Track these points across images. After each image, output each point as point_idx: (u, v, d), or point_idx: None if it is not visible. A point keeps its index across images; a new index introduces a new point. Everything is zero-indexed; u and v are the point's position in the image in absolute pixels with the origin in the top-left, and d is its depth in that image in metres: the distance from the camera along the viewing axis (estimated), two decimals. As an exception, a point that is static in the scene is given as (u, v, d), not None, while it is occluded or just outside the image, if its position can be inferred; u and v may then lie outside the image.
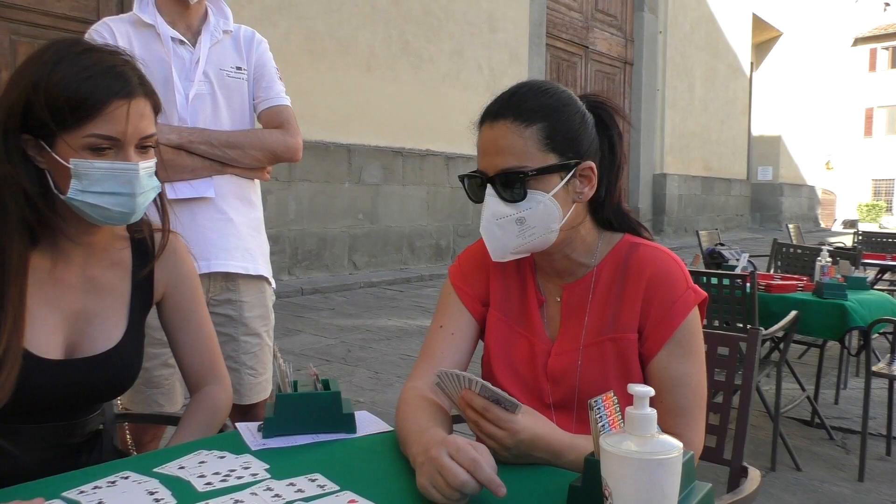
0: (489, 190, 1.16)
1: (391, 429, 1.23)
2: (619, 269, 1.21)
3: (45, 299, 1.16)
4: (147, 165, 1.15)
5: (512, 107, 1.15)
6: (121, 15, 1.86)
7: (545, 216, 1.15)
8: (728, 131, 15.97)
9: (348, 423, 1.21)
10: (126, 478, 0.99)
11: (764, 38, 18.05)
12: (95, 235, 1.20)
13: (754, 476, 1.26)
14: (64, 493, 0.94)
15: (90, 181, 1.09)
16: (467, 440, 0.93)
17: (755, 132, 17.99)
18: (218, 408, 1.34)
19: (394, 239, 8.02)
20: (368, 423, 1.26)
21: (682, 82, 13.89)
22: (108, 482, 0.98)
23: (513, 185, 1.14)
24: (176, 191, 1.78)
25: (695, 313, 1.16)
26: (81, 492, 0.95)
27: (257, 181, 1.94)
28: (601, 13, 12.13)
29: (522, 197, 1.13)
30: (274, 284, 1.98)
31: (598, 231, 1.25)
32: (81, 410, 1.24)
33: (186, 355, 1.35)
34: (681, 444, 0.78)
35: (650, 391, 0.79)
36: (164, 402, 1.81)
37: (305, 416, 1.18)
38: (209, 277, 1.82)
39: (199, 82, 1.82)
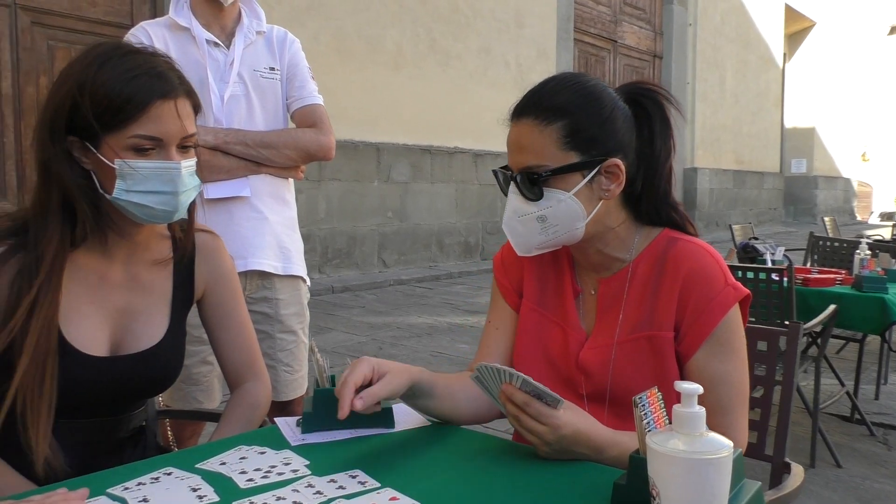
0: (512, 187, 1.16)
1: (429, 422, 1.23)
2: (655, 264, 1.19)
3: (91, 297, 1.18)
4: (189, 164, 1.16)
5: (534, 104, 1.13)
6: (157, 19, 1.89)
7: (567, 215, 1.14)
8: (760, 124, 15.69)
9: (386, 418, 1.21)
10: (169, 474, 1.00)
11: (797, 29, 17.69)
12: (139, 234, 1.22)
13: (797, 472, 1.24)
14: (109, 490, 0.96)
15: (134, 181, 1.11)
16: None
17: (788, 124, 17.65)
18: (258, 404, 1.35)
19: (423, 237, 8.03)
20: (406, 417, 1.25)
21: (712, 75, 13.68)
22: (152, 478, 0.99)
23: (532, 183, 1.13)
24: (212, 191, 1.80)
25: (734, 311, 1.13)
26: (126, 488, 0.96)
27: (291, 180, 1.96)
28: (629, 6, 11.99)
29: (541, 196, 1.13)
30: (308, 282, 1.99)
31: (635, 225, 1.23)
32: (126, 406, 1.26)
33: (226, 352, 1.36)
34: (731, 443, 0.76)
35: (698, 388, 0.77)
36: (202, 399, 1.84)
37: None
38: (245, 276, 1.84)
39: (234, 83, 1.84)
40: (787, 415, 1.46)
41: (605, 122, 1.14)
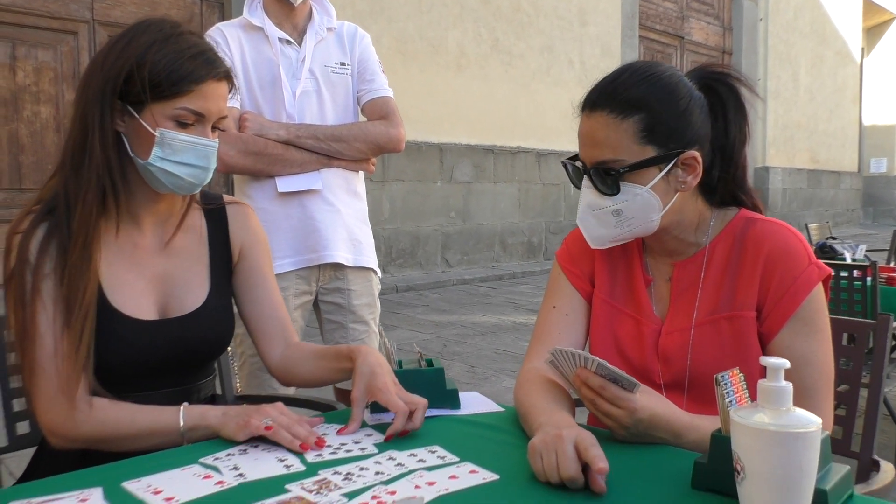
0: (585, 181, 1.16)
1: (502, 409, 1.24)
2: (734, 245, 1.17)
3: (129, 266, 1.23)
4: (217, 144, 1.22)
5: (609, 97, 1.12)
6: (231, 20, 1.96)
7: (643, 208, 1.13)
8: (837, 121, 15.05)
9: (452, 399, 1.23)
10: (256, 446, 1.05)
11: (876, 22, 16.89)
12: (159, 204, 1.26)
13: (887, 469, 1.19)
14: (201, 459, 1.00)
15: (172, 150, 1.16)
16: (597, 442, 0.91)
17: (867, 122, 16.86)
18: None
19: (486, 237, 8.03)
20: (479, 403, 1.27)
21: (785, 71, 13.21)
22: (240, 450, 1.04)
23: (607, 178, 1.12)
24: (285, 184, 1.86)
25: (818, 290, 1.11)
26: (216, 458, 1.01)
27: (362, 173, 2.00)
28: (697, 2, 11.70)
29: (617, 191, 1.12)
30: (380, 273, 2.03)
31: (710, 209, 1.21)
32: (189, 374, 1.29)
33: (263, 313, 1.37)
34: (819, 419, 0.74)
35: (785, 363, 0.76)
36: (277, 387, 1.89)
37: (411, 391, 1.20)
38: (319, 268, 1.89)
39: (306, 79, 1.89)
40: (876, 409, 1.40)
41: (682, 115, 1.12)
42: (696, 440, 1.00)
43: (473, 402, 1.27)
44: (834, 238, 5.06)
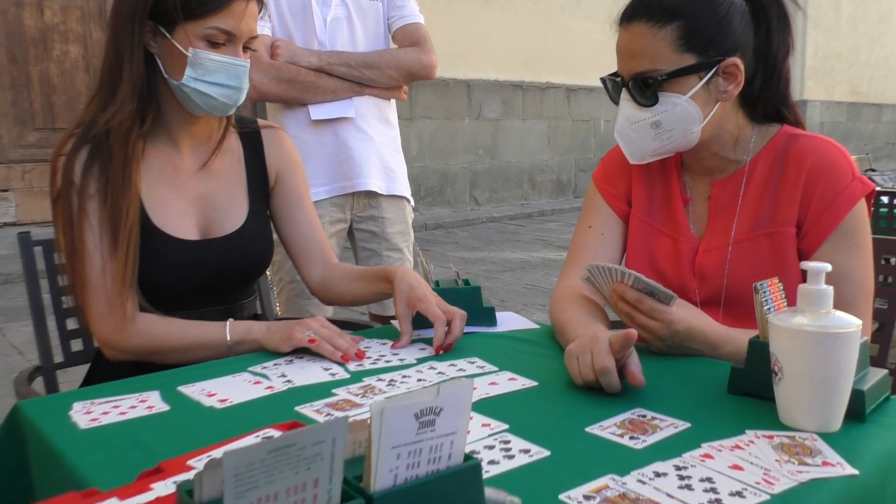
0: (623, 94, 1.14)
1: (538, 326, 1.26)
2: (775, 162, 1.15)
3: (170, 187, 1.25)
4: (248, 64, 1.23)
5: (646, 7, 1.10)
6: None
7: (683, 119, 1.11)
8: (880, 51, 14.45)
9: (489, 316, 1.26)
10: (301, 357, 1.09)
11: (926, -56, 15.99)
12: (196, 126, 1.27)
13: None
14: (250, 368, 1.05)
15: (204, 71, 1.17)
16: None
17: (912, 51, 16.16)
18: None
19: (514, 174, 7.98)
20: (515, 321, 1.30)
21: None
22: (286, 360, 1.08)
23: (646, 89, 1.10)
24: (318, 112, 1.86)
25: (861, 205, 1.10)
26: (264, 367, 1.05)
27: (394, 101, 1.99)
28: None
29: (655, 101, 1.10)
30: (412, 202, 2.05)
31: (751, 125, 1.19)
32: (231, 294, 1.33)
33: (302, 235, 1.39)
34: (859, 321, 0.75)
35: (826, 266, 0.76)
36: (314, 312, 1.94)
37: None
38: (353, 196, 1.91)
39: (336, 6, 1.87)
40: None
41: (721, 21, 1.09)
42: (731, 352, 1.02)
43: (509, 321, 1.30)
44: (873, 170, 4.94)
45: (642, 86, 1.11)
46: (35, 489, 0.86)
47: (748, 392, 0.87)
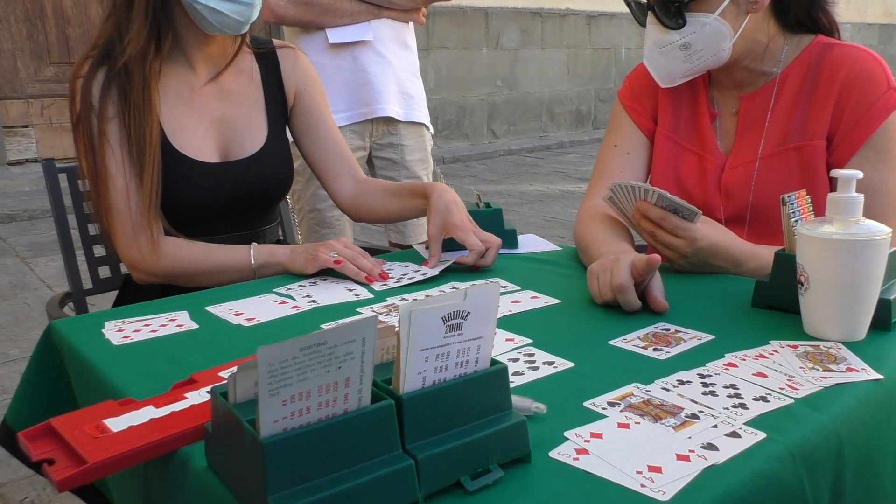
0: (650, 17, 1.10)
1: (560, 248, 1.26)
2: (808, 73, 1.12)
3: (188, 110, 1.24)
4: None
5: None
6: None
7: (713, 37, 1.07)
8: (916, -30, 13.79)
9: (511, 238, 1.26)
10: (325, 279, 1.10)
11: None
12: (211, 46, 1.25)
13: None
14: (275, 289, 1.06)
15: None
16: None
17: (951, -30, 15.40)
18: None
19: (533, 106, 7.84)
20: (538, 243, 1.30)
21: (862, -86, 12.01)
22: (310, 282, 1.09)
23: (673, 9, 1.06)
24: (336, 35, 1.82)
25: (895, 117, 1.06)
26: (289, 289, 1.06)
27: (412, 25, 1.94)
28: None
29: (683, 22, 1.06)
30: (432, 130, 2.02)
31: (783, 35, 1.15)
32: (254, 217, 1.33)
33: (328, 150, 1.38)
34: (889, 229, 0.74)
35: (857, 174, 0.74)
36: (335, 241, 1.95)
37: None
38: (372, 123, 1.89)
39: (354, -73, 1.81)
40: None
41: None
42: (756, 268, 1.01)
43: (532, 242, 1.30)
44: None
45: (669, 6, 1.07)
46: (77, 399, 0.89)
47: (773, 305, 0.87)
